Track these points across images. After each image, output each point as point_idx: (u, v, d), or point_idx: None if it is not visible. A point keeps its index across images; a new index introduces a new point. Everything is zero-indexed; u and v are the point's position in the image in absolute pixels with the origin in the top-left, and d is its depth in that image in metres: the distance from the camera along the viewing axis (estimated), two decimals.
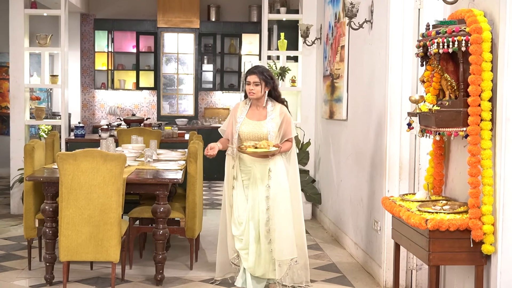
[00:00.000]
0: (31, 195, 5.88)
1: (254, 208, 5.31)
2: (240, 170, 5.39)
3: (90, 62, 13.01)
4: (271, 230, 5.27)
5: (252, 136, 5.33)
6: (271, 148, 5.16)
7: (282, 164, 5.36)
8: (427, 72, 4.37)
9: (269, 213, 5.28)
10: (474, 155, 3.83)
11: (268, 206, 5.29)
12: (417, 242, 4.09)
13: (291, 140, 5.41)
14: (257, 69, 5.38)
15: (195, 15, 12.71)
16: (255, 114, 5.41)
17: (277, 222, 5.26)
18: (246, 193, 5.37)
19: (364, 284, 5.80)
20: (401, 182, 5.55)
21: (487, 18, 3.85)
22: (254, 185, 5.34)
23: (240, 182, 5.39)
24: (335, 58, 7.57)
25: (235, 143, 5.38)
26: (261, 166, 5.31)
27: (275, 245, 5.27)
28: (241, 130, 5.35)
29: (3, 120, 12.41)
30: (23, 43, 8.76)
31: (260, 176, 5.32)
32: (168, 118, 12.66)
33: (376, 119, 5.97)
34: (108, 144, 6.29)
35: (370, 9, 6.14)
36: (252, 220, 5.31)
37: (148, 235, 6.92)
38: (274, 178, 5.29)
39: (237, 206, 5.36)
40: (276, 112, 5.37)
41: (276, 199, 5.28)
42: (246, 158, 5.33)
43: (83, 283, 5.67)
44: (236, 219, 5.36)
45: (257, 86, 5.31)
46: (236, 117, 5.43)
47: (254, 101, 5.43)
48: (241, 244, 5.34)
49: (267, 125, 5.32)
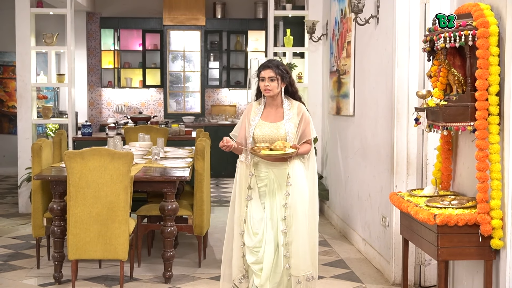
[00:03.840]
0: (39, 194, 5.90)
1: (272, 218, 4.66)
2: (255, 176, 4.71)
3: (96, 61, 13.03)
4: (288, 243, 4.61)
5: (269, 139, 4.65)
6: (288, 149, 4.53)
7: (301, 168, 4.72)
8: (434, 67, 4.35)
9: (286, 223, 4.61)
10: (482, 150, 3.81)
11: (285, 216, 4.61)
12: (425, 237, 4.08)
13: (310, 142, 4.75)
14: (272, 62, 4.72)
15: (201, 12, 12.71)
16: (270, 115, 4.74)
17: (294, 234, 4.61)
18: (263, 201, 4.70)
19: (373, 280, 5.79)
20: (409, 177, 5.54)
21: (493, 12, 3.83)
22: (272, 193, 4.68)
23: (255, 190, 4.71)
24: (342, 54, 7.55)
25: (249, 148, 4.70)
26: (279, 171, 4.67)
27: (292, 260, 4.61)
28: (255, 133, 4.68)
29: (10, 119, 12.44)
30: (30, 42, 8.77)
31: (278, 182, 4.67)
32: (175, 116, 12.68)
33: (383, 115, 5.95)
34: (115, 142, 6.30)
35: (376, 4, 6.13)
36: (272, 230, 4.65)
37: (156, 233, 6.94)
38: (293, 184, 4.63)
39: (252, 216, 4.68)
40: (294, 110, 4.71)
41: (295, 208, 4.61)
42: (262, 162, 4.69)
43: (91, 281, 5.68)
44: (251, 229, 4.67)
45: (272, 82, 4.65)
46: (249, 120, 4.76)
47: (268, 100, 4.76)
48: (254, 258, 4.65)
49: (285, 126, 4.66)
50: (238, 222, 4.73)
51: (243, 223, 4.69)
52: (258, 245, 4.64)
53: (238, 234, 4.73)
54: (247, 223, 4.68)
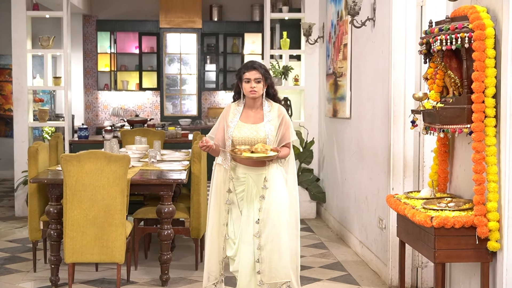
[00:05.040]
0: (36, 197, 5.89)
1: (248, 224, 4.50)
2: (234, 180, 4.56)
3: (93, 64, 13.03)
4: (260, 247, 4.44)
5: (248, 142, 4.49)
6: (269, 152, 4.37)
7: (279, 173, 4.54)
8: (431, 69, 4.35)
9: (259, 227, 4.44)
10: (478, 152, 3.82)
11: (259, 219, 4.45)
12: (422, 240, 4.08)
13: (289, 146, 4.60)
14: (256, 63, 4.57)
15: (197, 15, 12.71)
16: (250, 117, 4.59)
17: (268, 238, 4.44)
18: (241, 208, 4.54)
19: (370, 282, 5.79)
20: (406, 179, 5.55)
21: (490, 15, 3.84)
22: (249, 198, 4.51)
23: (234, 195, 4.56)
24: (338, 56, 7.56)
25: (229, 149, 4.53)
26: (257, 175, 4.50)
27: (264, 265, 4.44)
28: (234, 135, 4.51)
29: (6, 122, 12.42)
30: (26, 45, 8.76)
31: (256, 187, 4.50)
32: (172, 119, 12.68)
33: (379, 117, 5.96)
34: (112, 145, 6.29)
35: (373, 6, 6.13)
36: (245, 237, 4.49)
37: (153, 236, 6.93)
38: (269, 188, 4.47)
39: (232, 223, 4.57)
40: (274, 113, 4.56)
41: (269, 213, 4.44)
42: (239, 166, 4.53)
43: (88, 284, 5.67)
44: (231, 238, 4.55)
45: (258, 84, 4.51)
46: (227, 121, 4.60)
47: (249, 102, 4.62)
48: (234, 266, 4.56)
49: (265, 128, 4.50)
50: (216, 226, 4.58)
51: (225, 227, 4.57)
52: (236, 253, 4.54)
53: (214, 238, 4.59)
54: (228, 231, 4.56)
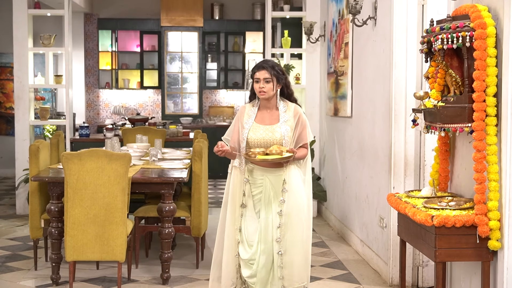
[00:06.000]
0: (37, 196, 5.89)
1: (267, 227, 4.40)
2: (249, 183, 4.46)
3: (94, 62, 13.03)
4: (282, 252, 4.37)
5: (264, 143, 4.39)
6: (285, 154, 4.27)
7: (297, 174, 4.45)
8: (432, 68, 4.35)
9: (281, 232, 4.37)
10: (479, 151, 3.82)
11: (280, 224, 4.37)
12: (423, 239, 4.08)
13: (306, 146, 4.48)
14: (267, 63, 4.46)
15: (199, 13, 12.71)
16: (265, 117, 4.48)
17: (289, 243, 4.38)
18: (257, 209, 4.45)
19: (371, 281, 5.79)
20: (407, 178, 5.54)
21: (491, 13, 3.84)
22: (267, 200, 4.42)
23: (250, 198, 4.47)
24: (339, 55, 7.56)
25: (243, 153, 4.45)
26: (275, 177, 4.41)
27: (285, 271, 4.38)
28: (249, 136, 4.42)
29: (8, 120, 12.42)
30: (27, 43, 8.77)
31: (273, 189, 4.41)
32: (173, 117, 12.68)
33: (380, 116, 5.96)
34: (113, 144, 6.29)
35: (374, 5, 6.13)
36: (265, 241, 4.39)
37: (154, 234, 6.93)
38: (290, 191, 4.38)
39: (246, 226, 4.46)
40: (290, 113, 4.46)
41: (290, 216, 4.37)
42: (256, 168, 4.44)
43: (89, 283, 5.68)
44: (246, 240, 4.45)
45: (268, 84, 4.40)
46: (242, 122, 4.50)
47: (263, 102, 4.50)
48: (250, 271, 4.43)
49: (281, 129, 4.40)
50: (232, 230, 4.49)
51: (238, 232, 4.47)
52: (253, 257, 4.41)
53: (232, 243, 4.50)
54: (241, 234, 4.46)
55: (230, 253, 4.51)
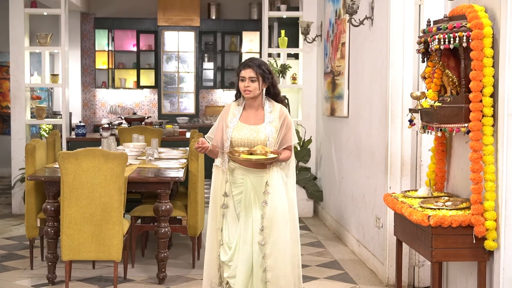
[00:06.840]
0: (33, 195, 5.88)
1: (246, 229, 4.36)
2: (230, 182, 4.42)
3: (90, 61, 13.01)
4: (265, 256, 4.33)
5: (247, 143, 4.34)
6: (269, 155, 4.22)
7: (280, 177, 4.39)
8: (428, 68, 4.36)
9: (264, 235, 4.32)
10: (476, 151, 3.82)
11: (263, 227, 4.32)
12: (419, 239, 4.09)
13: (290, 149, 4.43)
14: (253, 62, 4.39)
15: (196, 13, 12.70)
16: (250, 117, 4.43)
17: (273, 246, 4.32)
18: (238, 210, 4.41)
19: (367, 281, 5.80)
20: (403, 178, 5.55)
21: (488, 14, 3.84)
22: (248, 202, 4.37)
23: (230, 198, 4.42)
24: (336, 55, 7.56)
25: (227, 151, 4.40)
26: (256, 178, 4.36)
27: (270, 274, 4.33)
28: (233, 136, 4.36)
29: (4, 119, 12.40)
30: (24, 42, 8.75)
31: (254, 191, 4.36)
32: (169, 117, 12.68)
33: (377, 116, 5.96)
34: (109, 143, 6.29)
35: (371, 5, 6.13)
36: (244, 243, 4.35)
37: (150, 234, 6.92)
38: (272, 193, 4.33)
39: (227, 227, 4.42)
40: (275, 113, 4.40)
41: (273, 219, 4.32)
42: (238, 168, 4.39)
43: (85, 282, 5.67)
44: (226, 243, 4.42)
45: (253, 83, 4.33)
46: (227, 121, 4.43)
47: (248, 102, 4.44)
48: (228, 272, 4.41)
49: (265, 129, 4.35)
50: (214, 231, 4.47)
51: (220, 232, 4.44)
52: (231, 259, 4.40)
53: (213, 243, 4.48)
54: (223, 235, 4.43)
55: (211, 253, 4.51)
